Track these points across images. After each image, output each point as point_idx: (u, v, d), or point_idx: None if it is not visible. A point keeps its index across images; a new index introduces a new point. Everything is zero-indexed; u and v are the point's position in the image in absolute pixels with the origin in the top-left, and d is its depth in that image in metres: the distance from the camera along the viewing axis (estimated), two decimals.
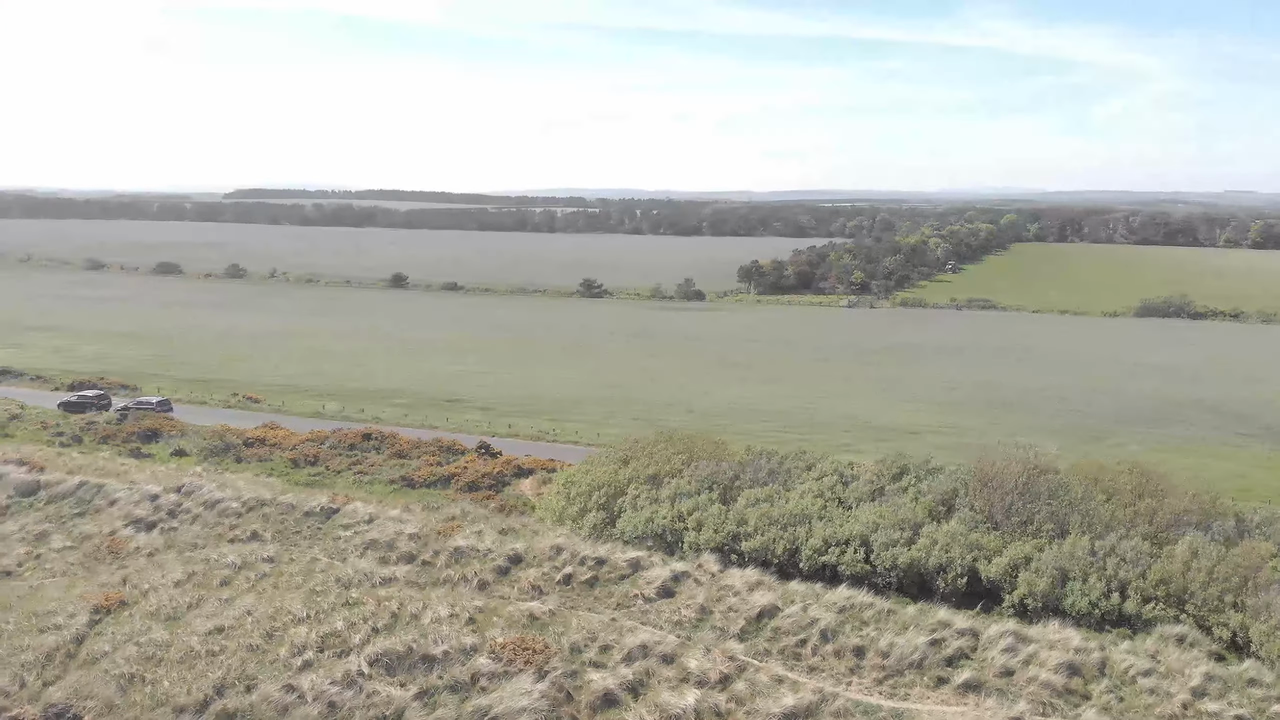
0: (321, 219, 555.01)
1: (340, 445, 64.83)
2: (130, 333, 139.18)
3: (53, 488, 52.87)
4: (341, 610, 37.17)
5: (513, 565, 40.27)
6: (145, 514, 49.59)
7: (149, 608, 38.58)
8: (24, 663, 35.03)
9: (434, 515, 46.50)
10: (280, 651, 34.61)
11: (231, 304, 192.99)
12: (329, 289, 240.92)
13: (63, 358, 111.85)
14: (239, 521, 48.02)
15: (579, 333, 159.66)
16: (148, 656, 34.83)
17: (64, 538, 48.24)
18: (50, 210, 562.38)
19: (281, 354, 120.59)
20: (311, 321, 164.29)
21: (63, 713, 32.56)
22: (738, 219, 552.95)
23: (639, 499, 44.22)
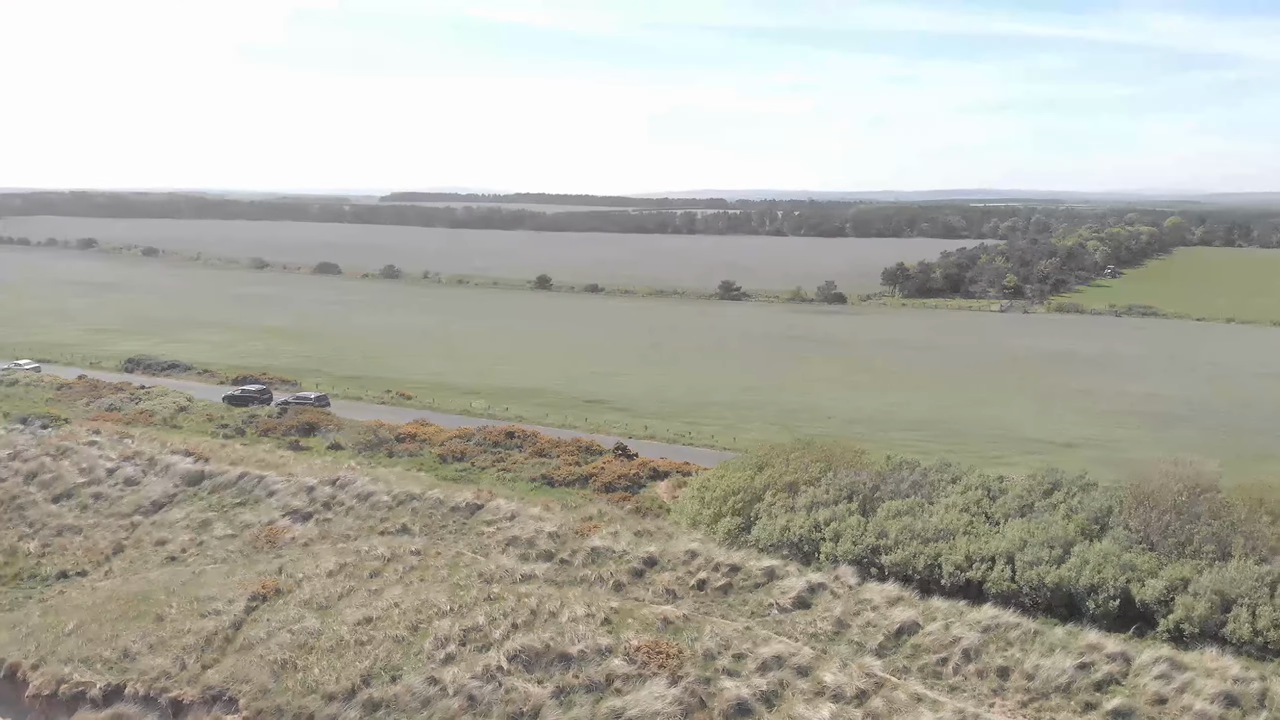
0: (472, 221, 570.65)
1: (485, 442, 66.47)
2: (291, 329, 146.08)
3: (216, 478, 55.90)
4: (483, 605, 38.11)
5: (647, 568, 40.51)
6: (302, 505, 51.90)
7: (303, 596, 40.37)
8: (185, 646, 37.18)
9: (572, 514, 47.19)
10: (424, 643, 35.75)
11: (386, 303, 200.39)
12: (477, 289, 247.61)
13: (229, 353, 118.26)
14: (389, 514, 49.76)
15: (717, 335, 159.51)
16: (300, 644, 36.47)
17: (225, 526, 50.97)
18: (219, 211, 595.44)
19: (432, 352, 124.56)
20: (461, 321, 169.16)
21: (219, 695, 34.45)
22: (883, 220, 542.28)
23: (774, 506, 43.84)
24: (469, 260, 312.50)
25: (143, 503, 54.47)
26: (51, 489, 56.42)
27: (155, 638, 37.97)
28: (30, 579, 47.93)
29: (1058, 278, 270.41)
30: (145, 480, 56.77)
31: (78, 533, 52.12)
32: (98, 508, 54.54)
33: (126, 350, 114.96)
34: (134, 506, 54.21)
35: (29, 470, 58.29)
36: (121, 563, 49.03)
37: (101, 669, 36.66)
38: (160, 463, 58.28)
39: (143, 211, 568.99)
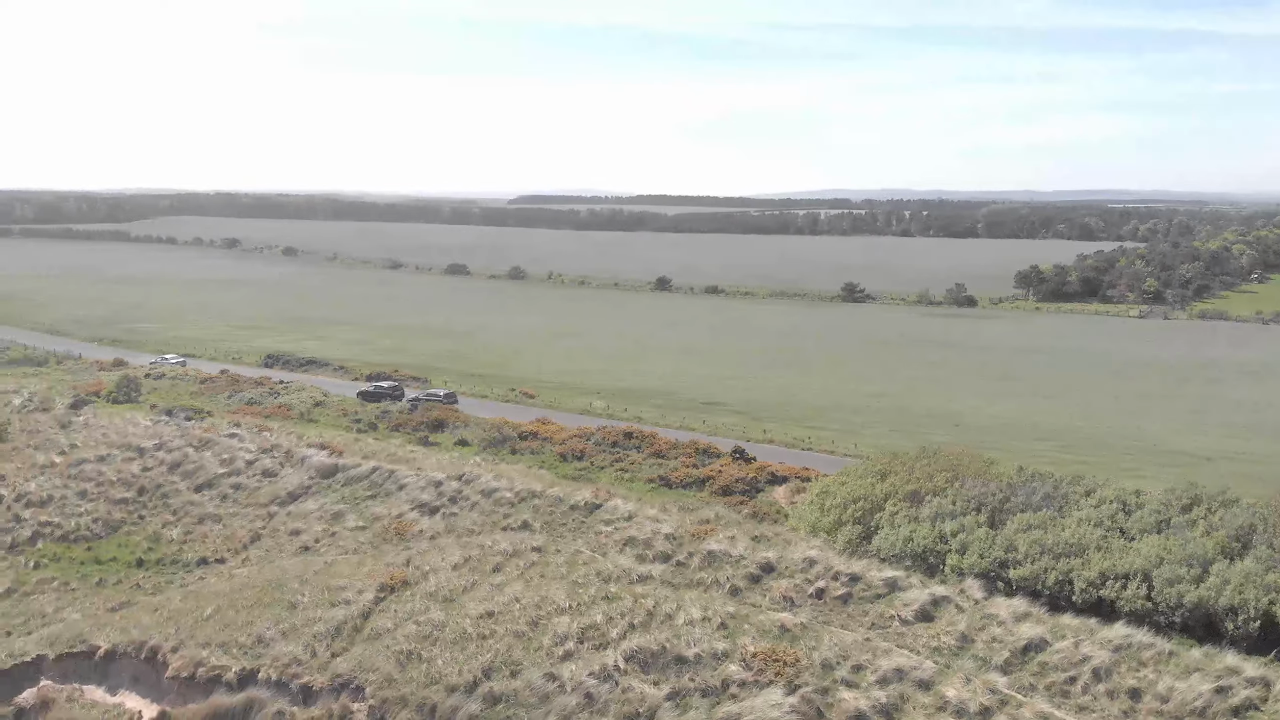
0: (595, 223, 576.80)
1: (604, 442, 67.09)
2: (422, 328, 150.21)
3: (349, 471, 57.91)
4: (601, 604, 38.39)
5: (764, 574, 40.18)
6: (429, 499, 53.36)
7: (428, 588, 41.40)
8: (316, 633, 38.52)
9: (689, 517, 47.18)
10: (544, 640, 36.21)
11: (512, 304, 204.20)
12: (599, 291, 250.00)
13: (363, 349, 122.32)
14: (511, 511, 50.71)
15: (839, 338, 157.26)
16: (425, 635, 37.39)
17: (357, 518, 52.76)
18: (355, 213, 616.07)
19: (555, 352, 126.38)
20: (583, 322, 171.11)
21: (347, 683, 35.58)
22: (1016, 220, 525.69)
23: (897, 516, 42.95)
24: (591, 261, 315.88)
25: (279, 494, 56.83)
26: (194, 479, 59.36)
27: (288, 625, 39.48)
28: (172, 564, 50.57)
29: (1201, 283, 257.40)
30: (282, 472, 59.21)
31: (218, 521, 54.70)
32: (237, 497, 57.16)
33: (266, 346, 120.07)
34: (271, 497, 56.61)
35: (173, 460, 61.49)
36: (258, 551, 51.24)
37: (237, 654, 38.31)
38: (296, 455, 60.72)
39: (283, 212, 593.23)
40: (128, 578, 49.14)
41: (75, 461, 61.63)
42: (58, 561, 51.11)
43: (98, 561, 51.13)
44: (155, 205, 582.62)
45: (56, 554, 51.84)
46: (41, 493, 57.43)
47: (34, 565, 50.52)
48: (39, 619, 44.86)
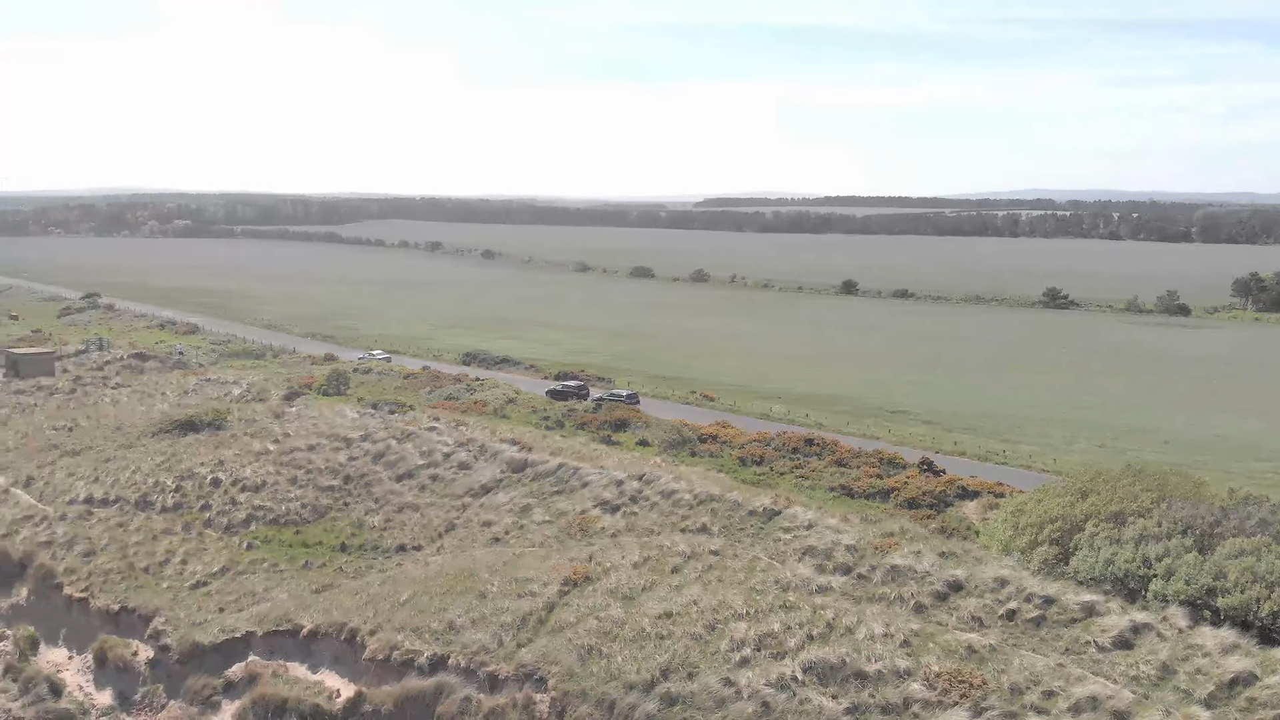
0: (781, 225, 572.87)
1: (784, 448, 66.54)
2: (608, 329, 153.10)
3: (537, 466, 59.61)
4: (779, 612, 38.11)
5: (951, 591, 38.88)
6: (611, 497, 54.32)
7: (609, 585, 42.13)
8: (503, 624, 39.80)
9: (872, 528, 46.19)
10: (720, 644, 36.25)
11: (694, 307, 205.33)
12: (783, 294, 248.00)
13: (553, 349, 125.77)
14: (690, 513, 50.99)
15: (1040, 347, 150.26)
16: (605, 631, 38.05)
17: (544, 512, 54.24)
18: (549, 217, 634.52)
19: (735, 355, 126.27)
20: (765, 325, 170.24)
21: (531, 674, 36.60)
22: (1234, 224, 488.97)
23: (1097, 537, 40.67)
24: (776, 264, 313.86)
25: (473, 486, 59.11)
26: (396, 469, 62.46)
27: (477, 613, 40.99)
28: (373, 550, 53.32)
29: None
30: (476, 465, 61.57)
31: (416, 510, 57.36)
32: (434, 488, 59.77)
33: (464, 344, 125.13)
34: (465, 489, 58.94)
35: (377, 451, 64.86)
36: (452, 540, 53.42)
37: (429, 639, 40.05)
38: (490, 450, 63.00)
39: (483, 217, 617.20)
40: (332, 561, 52.02)
41: (287, 450, 65.86)
42: (268, 543, 54.72)
43: (305, 545, 54.40)
44: (366, 209, 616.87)
45: (268, 536, 55.52)
46: (256, 478, 61.64)
47: (247, 546, 54.26)
48: (250, 597, 48.07)
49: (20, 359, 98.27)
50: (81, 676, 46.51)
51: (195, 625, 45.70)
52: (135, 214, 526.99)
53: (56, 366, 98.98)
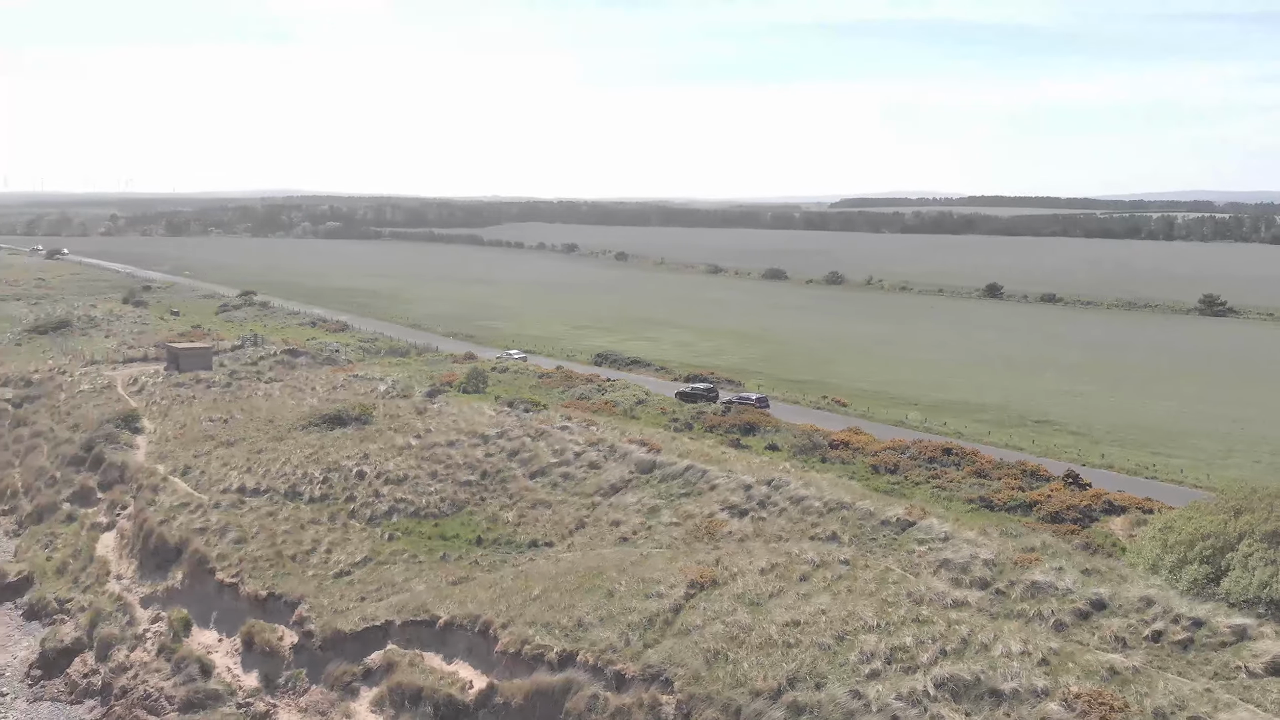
0: (921, 226, 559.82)
1: (920, 457, 65.02)
2: (739, 332, 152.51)
3: (665, 468, 59.88)
4: (911, 626, 37.34)
5: (1094, 610, 37.38)
6: (739, 501, 54.13)
7: (736, 590, 42.02)
8: (630, 623, 40.12)
9: (1011, 543, 44.75)
10: (850, 655, 35.73)
11: (828, 309, 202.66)
12: (921, 297, 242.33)
13: (683, 351, 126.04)
14: (820, 520, 50.38)
15: (1195, 356, 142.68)
16: (731, 636, 37.96)
17: (671, 514, 54.42)
18: (682, 219, 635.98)
19: (869, 360, 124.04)
20: (901, 329, 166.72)
21: (657, 674, 36.79)
22: None
23: (1252, 558, 38.42)
24: (914, 266, 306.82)
25: (602, 485, 59.80)
26: (529, 466, 63.68)
27: (605, 612, 41.46)
28: (506, 545, 54.46)
29: None
30: (606, 465, 62.27)
31: (548, 507, 58.37)
32: (565, 486, 60.71)
33: (597, 345, 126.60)
34: (595, 488, 59.68)
35: (512, 448, 66.25)
36: (582, 538, 54.16)
37: (559, 635, 40.71)
38: (619, 450, 63.63)
39: (618, 219, 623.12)
40: (467, 554, 53.37)
41: (428, 445, 67.89)
42: (408, 535, 56.48)
43: (443, 537, 55.96)
44: (506, 212, 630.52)
45: (408, 528, 57.32)
46: (398, 472, 63.74)
47: (388, 537, 56.14)
48: (390, 587, 49.73)
49: (181, 354, 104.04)
50: (230, 659, 48.93)
51: (337, 613, 47.55)
52: (289, 215, 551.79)
53: (214, 361, 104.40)
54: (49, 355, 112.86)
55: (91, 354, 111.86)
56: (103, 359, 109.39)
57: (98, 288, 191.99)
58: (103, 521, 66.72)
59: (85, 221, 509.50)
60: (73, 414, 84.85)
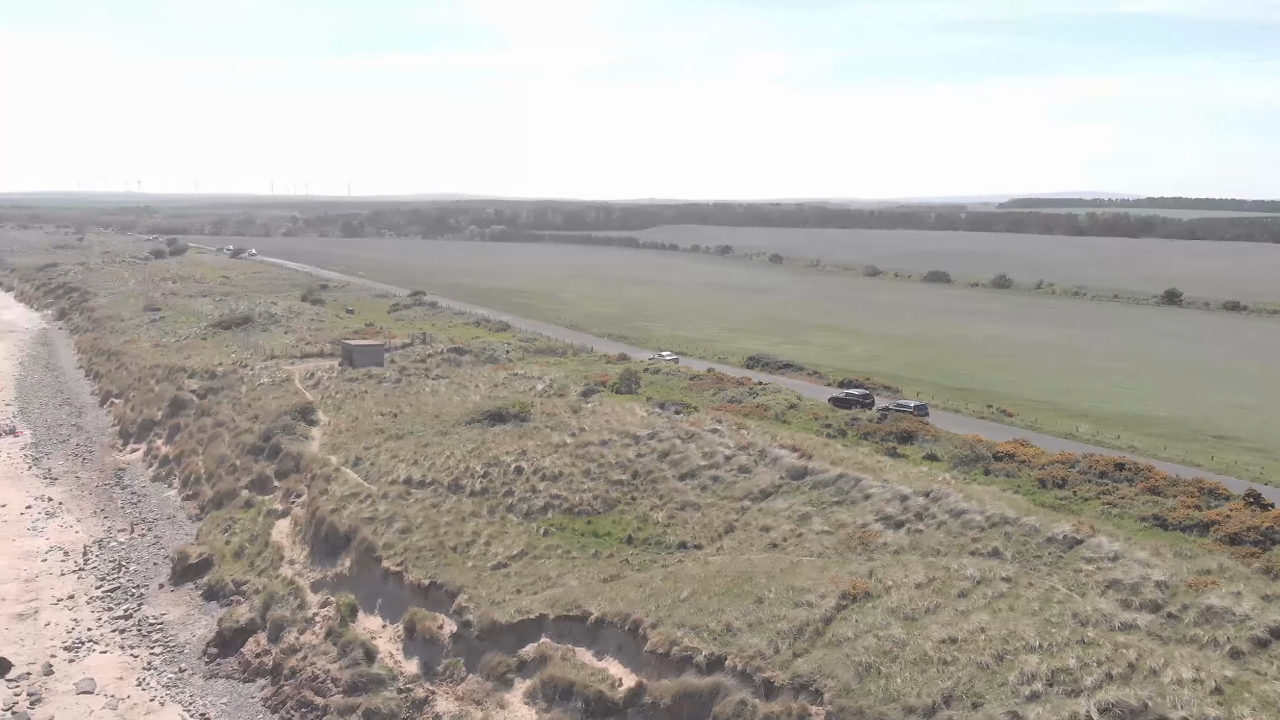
0: (1094, 228, 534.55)
1: (1090, 471, 62.21)
2: (897, 336, 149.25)
3: (817, 475, 59.19)
4: (1075, 647, 35.94)
5: (1274, 639, 35.11)
6: (894, 512, 53.01)
7: (890, 603, 41.22)
8: (779, 631, 39.86)
9: (1186, 564, 42.41)
10: (1009, 676, 34.63)
11: (994, 314, 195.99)
12: (1094, 303, 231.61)
13: (837, 356, 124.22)
14: (980, 535, 48.86)
15: None
16: (884, 651, 37.27)
17: (822, 522, 53.75)
18: (840, 220, 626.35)
19: (1038, 369, 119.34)
20: (1073, 337, 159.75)
21: (806, 685, 36.43)
22: None
23: None
24: (1088, 270, 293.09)
25: (752, 490, 59.59)
26: (679, 468, 64.03)
27: (754, 618, 41.34)
28: (656, 545, 54.88)
29: None
30: (755, 469, 62.03)
31: (697, 509, 58.56)
32: (715, 489, 60.77)
33: (749, 348, 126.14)
34: (744, 492, 59.52)
35: (662, 449, 66.76)
36: (730, 542, 54.10)
37: (707, 638, 40.81)
38: (769, 455, 63.28)
39: (774, 221, 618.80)
40: (618, 553, 54.04)
41: (582, 443, 69.15)
42: (562, 531, 57.63)
43: (595, 535, 56.84)
44: (662, 214, 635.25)
45: (562, 524, 58.49)
46: (554, 469, 65.13)
47: (543, 532, 57.41)
48: (544, 581, 50.83)
49: (354, 350, 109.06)
50: (393, 645, 51.02)
51: (494, 604, 48.95)
52: (457, 218, 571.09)
53: (385, 358, 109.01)
54: (232, 349, 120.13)
55: (271, 349, 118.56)
56: (282, 354, 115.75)
57: (278, 286, 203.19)
58: (278, 508, 70.60)
59: (267, 222, 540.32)
60: (253, 405, 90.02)
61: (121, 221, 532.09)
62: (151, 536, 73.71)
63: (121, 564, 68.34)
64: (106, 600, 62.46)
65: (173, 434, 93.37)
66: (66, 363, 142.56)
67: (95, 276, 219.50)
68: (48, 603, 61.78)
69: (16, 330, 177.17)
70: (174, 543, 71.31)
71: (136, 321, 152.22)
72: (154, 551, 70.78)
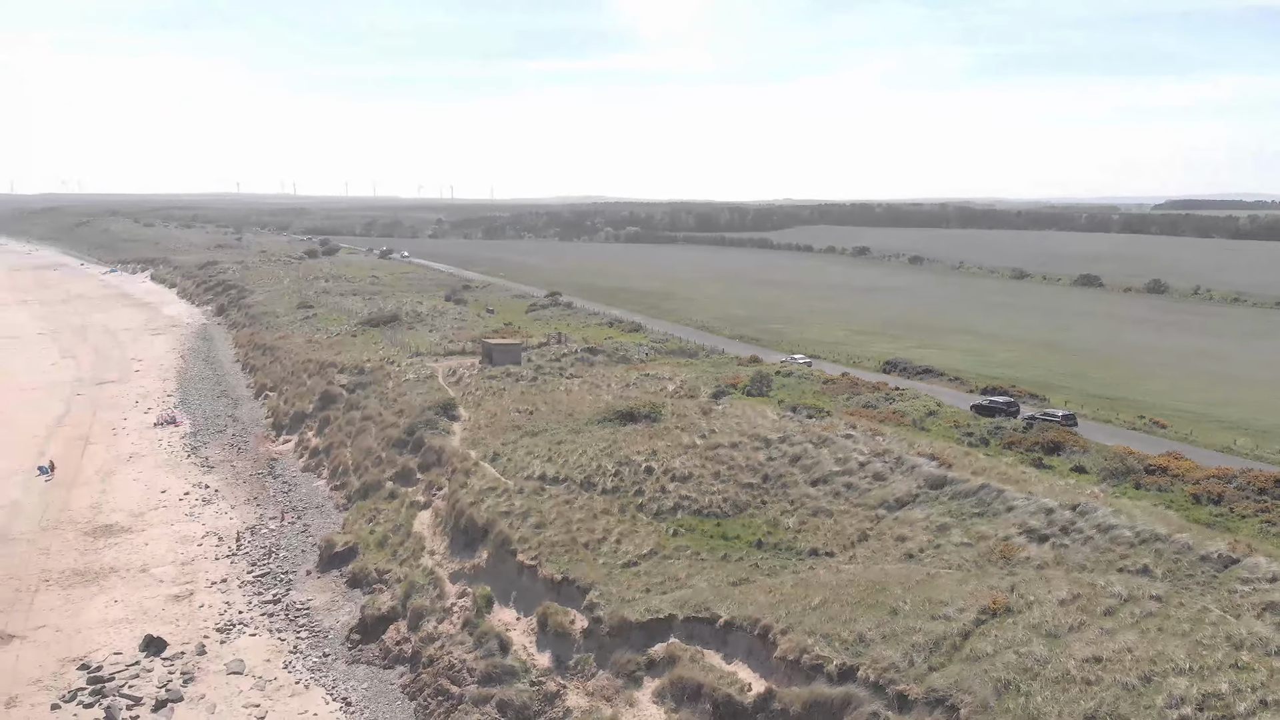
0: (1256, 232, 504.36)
1: (1248, 488, 58.75)
2: (1044, 343, 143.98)
3: (957, 485, 57.62)
4: (1228, 671, 34.14)
5: None
6: (1039, 526, 51.22)
7: (1031, 620, 39.87)
8: (914, 644, 38.99)
9: None
10: (1156, 699, 33.12)
11: (1148, 321, 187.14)
12: (1255, 310, 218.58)
13: (979, 361, 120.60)
14: (1129, 552, 46.85)
15: None
16: (1024, 668, 36.07)
17: (962, 534, 52.32)
18: (984, 221, 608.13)
19: (1193, 378, 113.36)
20: (1232, 345, 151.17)
21: (942, 699, 35.53)
22: None
23: None
24: (1249, 276, 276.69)
25: (887, 498, 58.44)
26: (811, 473, 63.31)
27: (888, 629, 40.56)
28: (786, 550, 54.42)
29: None
30: (891, 477, 60.82)
31: (829, 516, 57.78)
32: (848, 496, 59.85)
33: (885, 352, 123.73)
34: (879, 500, 58.42)
35: (794, 454, 66.12)
36: (864, 551, 53.21)
37: (838, 647, 40.24)
38: (906, 463, 61.94)
39: (914, 221, 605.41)
40: (748, 557, 53.82)
41: (712, 445, 69.09)
42: (691, 532, 57.71)
43: (724, 537, 56.76)
44: (797, 215, 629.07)
45: (691, 525, 58.59)
46: (684, 470, 65.28)
47: (673, 533, 57.61)
48: (673, 582, 50.99)
49: (494, 348, 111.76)
50: (526, 638, 52.02)
51: (625, 602, 49.40)
52: (593, 220, 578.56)
53: (523, 357, 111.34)
54: (380, 346, 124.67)
55: (416, 346, 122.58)
56: (426, 351, 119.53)
57: (423, 286, 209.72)
58: (420, 500, 72.88)
59: (414, 225, 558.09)
60: (398, 400, 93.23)
61: (278, 222, 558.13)
62: (300, 524, 77.09)
63: (272, 550, 71.71)
64: (257, 585, 65.63)
65: (322, 426, 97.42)
66: (224, 357, 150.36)
67: (252, 274, 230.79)
68: (202, 585, 65.33)
69: (179, 325, 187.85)
70: (321, 531, 74.41)
71: (290, 318, 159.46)
72: (302, 539, 74.00)
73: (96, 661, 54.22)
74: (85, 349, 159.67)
